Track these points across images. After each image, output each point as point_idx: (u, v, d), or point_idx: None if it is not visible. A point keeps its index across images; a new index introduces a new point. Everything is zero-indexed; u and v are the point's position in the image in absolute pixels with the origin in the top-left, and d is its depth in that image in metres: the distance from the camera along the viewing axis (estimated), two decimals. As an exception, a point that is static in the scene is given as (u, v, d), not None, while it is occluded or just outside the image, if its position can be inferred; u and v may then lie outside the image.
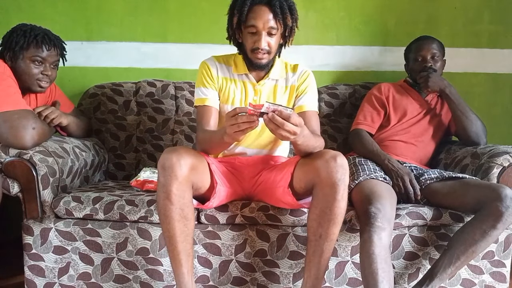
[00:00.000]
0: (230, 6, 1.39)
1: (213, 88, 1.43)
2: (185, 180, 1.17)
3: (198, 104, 1.42)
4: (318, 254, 1.21)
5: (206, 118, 1.40)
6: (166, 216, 1.17)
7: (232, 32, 1.41)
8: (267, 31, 1.32)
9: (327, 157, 1.17)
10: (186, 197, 1.18)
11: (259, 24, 1.31)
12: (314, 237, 1.21)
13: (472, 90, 2.10)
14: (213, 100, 1.42)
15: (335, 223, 1.18)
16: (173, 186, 1.15)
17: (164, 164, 1.15)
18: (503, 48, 2.12)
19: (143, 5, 2.05)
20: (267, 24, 1.31)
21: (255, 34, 1.33)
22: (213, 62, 1.46)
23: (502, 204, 1.27)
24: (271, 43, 1.35)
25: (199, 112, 1.43)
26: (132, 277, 1.41)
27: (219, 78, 1.45)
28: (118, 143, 1.91)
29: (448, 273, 1.33)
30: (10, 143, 1.35)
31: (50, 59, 1.50)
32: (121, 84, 1.98)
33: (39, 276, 1.42)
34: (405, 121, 1.72)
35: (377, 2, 2.09)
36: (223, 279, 1.41)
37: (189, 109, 1.96)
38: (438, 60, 1.72)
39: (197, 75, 1.46)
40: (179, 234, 1.19)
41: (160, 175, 1.17)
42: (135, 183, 1.55)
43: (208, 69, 1.44)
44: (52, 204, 1.40)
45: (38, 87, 1.50)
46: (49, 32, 1.53)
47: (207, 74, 1.44)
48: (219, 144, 1.29)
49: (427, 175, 1.52)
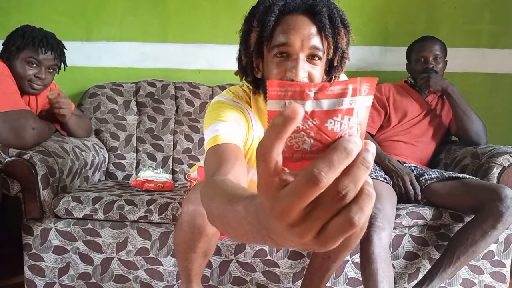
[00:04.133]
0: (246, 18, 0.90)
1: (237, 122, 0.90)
2: (216, 233, 0.95)
3: (211, 145, 0.84)
4: (323, 271, 1.17)
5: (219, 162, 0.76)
6: (186, 259, 1.03)
7: (247, 60, 0.91)
8: (308, 53, 0.83)
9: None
10: (212, 243, 1.00)
11: (295, 41, 0.82)
12: (322, 256, 1.14)
13: (472, 90, 2.10)
14: (235, 136, 0.87)
15: (348, 249, 1.11)
16: (200, 242, 0.95)
17: (194, 221, 0.90)
18: (503, 48, 2.12)
19: (143, 5, 2.05)
20: (308, 42, 0.82)
21: (286, 59, 0.83)
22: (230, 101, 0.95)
23: (502, 204, 1.27)
24: (313, 74, 0.84)
25: (207, 157, 0.83)
26: (132, 277, 1.41)
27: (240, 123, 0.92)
28: (118, 143, 1.91)
29: (448, 273, 1.33)
30: (10, 143, 1.35)
31: (46, 63, 1.48)
32: (121, 84, 1.98)
33: (39, 276, 1.42)
34: (405, 121, 1.72)
35: (377, 2, 2.09)
36: (223, 279, 1.41)
37: (189, 109, 1.96)
38: (440, 62, 1.71)
39: (206, 117, 0.94)
40: (196, 267, 1.06)
41: (186, 228, 0.93)
42: (134, 183, 1.55)
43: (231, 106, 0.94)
44: (52, 204, 1.40)
45: (31, 88, 1.48)
46: (51, 36, 1.51)
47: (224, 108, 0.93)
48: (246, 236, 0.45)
49: (427, 175, 1.52)
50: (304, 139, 0.33)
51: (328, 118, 0.33)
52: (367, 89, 0.34)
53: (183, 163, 1.90)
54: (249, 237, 0.41)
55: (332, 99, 0.33)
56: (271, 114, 0.34)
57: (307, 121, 0.33)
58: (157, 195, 1.42)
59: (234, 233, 0.45)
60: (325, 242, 0.32)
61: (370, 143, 0.34)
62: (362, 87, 0.34)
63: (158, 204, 1.36)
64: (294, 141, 0.34)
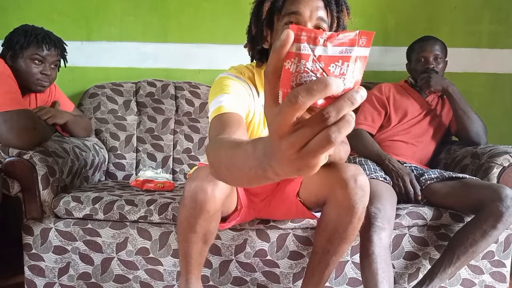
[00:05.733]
0: None
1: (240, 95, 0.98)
2: (216, 211, 1.00)
3: (215, 114, 0.91)
4: (323, 266, 1.16)
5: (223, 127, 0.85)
6: (185, 240, 1.05)
7: (256, 30, 1.00)
8: (315, 24, 0.94)
9: (346, 176, 1.00)
10: (212, 225, 1.03)
11: (305, 10, 0.93)
12: (322, 251, 1.14)
13: (472, 90, 2.10)
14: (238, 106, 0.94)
15: (346, 242, 1.10)
16: (200, 219, 0.98)
17: (196, 196, 0.95)
18: (503, 48, 2.12)
19: (143, 5, 2.05)
20: (316, 13, 0.94)
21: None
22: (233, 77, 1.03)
23: (503, 204, 1.27)
24: None
25: (211, 125, 0.90)
26: (132, 277, 1.41)
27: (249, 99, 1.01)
28: (118, 143, 1.91)
29: (448, 273, 1.33)
30: (10, 143, 1.35)
31: (50, 59, 1.50)
32: (121, 84, 1.98)
33: (39, 276, 1.42)
34: (405, 121, 1.72)
35: (377, 2, 2.09)
36: (223, 279, 1.41)
37: (189, 109, 1.96)
38: (440, 62, 1.71)
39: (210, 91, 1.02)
40: (195, 252, 1.08)
41: (188, 204, 0.97)
42: (134, 183, 1.55)
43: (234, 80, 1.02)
44: (52, 204, 1.40)
45: (39, 86, 1.50)
46: (51, 33, 1.54)
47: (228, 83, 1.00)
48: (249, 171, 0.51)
49: (427, 175, 1.52)
50: (312, 78, 0.40)
51: (331, 62, 0.40)
52: (365, 41, 0.40)
53: (183, 163, 1.90)
54: (251, 172, 0.48)
55: (335, 47, 0.39)
56: (287, 55, 0.40)
57: (315, 63, 0.40)
58: (157, 195, 1.42)
59: (238, 172, 0.51)
60: (306, 154, 0.39)
61: (362, 88, 0.40)
62: (361, 40, 0.40)
63: (158, 204, 1.36)
64: (304, 80, 0.40)
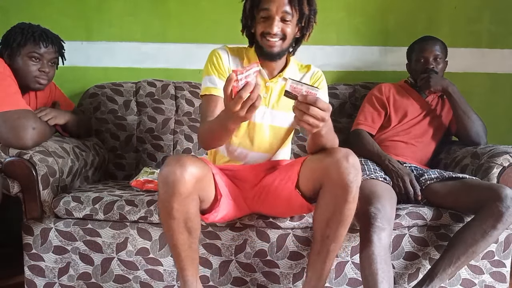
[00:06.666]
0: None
1: (222, 78, 1.31)
2: (190, 194, 1.07)
3: (204, 93, 1.30)
4: (324, 254, 1.18)
5: (211, 109, 1.26)
6: (168, 229, 1.12)
7: (245, 20, 1.33)
8: (281, 16, 1.24)
9: (339, 156, 1.08)
10: (190, 211, 1.10)
11: (272, 7, 1.23)
12: (321, 237, 1.16)
13: (472, 90, 2.10)
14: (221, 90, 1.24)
15: (344, 224, 1.13)
16: (174, 202, 1.06)
17: (167, 179, 1.04)
18: (503, 48, 2.12)
19: (143, 5, 2.05)
20: (281, 8, 1.23)
21: (267, 19, 1.25)
22: (225, 52, 1.36)
23: (502, 204, 1.27)
24: (285, 29, 1.25)
25: (204, 103, 1.31)
26: (132, 277, 1.41)
27: (230, 70, 1.34)
28: (118, 143, 1.91)
29: (448, 273, 1.33)
30: (10, 143, 1.35)
31: (48, 56, 1.50)
32: (121, 84, 1.98)
33: (39, 276, 1.42)
34: (405, 121, 1.72)
35: (377, 2, 2.09)
36: (223, 279, 1.41)
37: (189, 109, 1.96)
38: (440, 62, 1.71)
39: (205, 63, 1.35)
40: (183, 244, 1.14)
41: (161, 189, 1.06)
42: (135, 183, 1.55)
43: (219, 58, 1.34)
44: (52, 204, 1.40)
45: (37, 84, 1.50)
46: (48, 30, 1.54)
47: (217, 63, 1.33)
48: (221, 131, 1.13)
49: (427, 175, 1.52)
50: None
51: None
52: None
53: (183, 163, 1.89)
54: (222, 128, 1.11)
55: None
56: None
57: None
58: (157, 196, 1.42)
59: (215, 132, 1.16)
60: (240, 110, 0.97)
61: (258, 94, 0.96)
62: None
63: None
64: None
